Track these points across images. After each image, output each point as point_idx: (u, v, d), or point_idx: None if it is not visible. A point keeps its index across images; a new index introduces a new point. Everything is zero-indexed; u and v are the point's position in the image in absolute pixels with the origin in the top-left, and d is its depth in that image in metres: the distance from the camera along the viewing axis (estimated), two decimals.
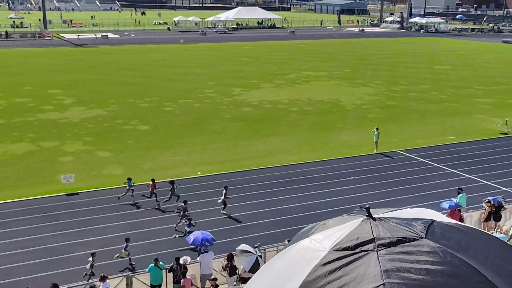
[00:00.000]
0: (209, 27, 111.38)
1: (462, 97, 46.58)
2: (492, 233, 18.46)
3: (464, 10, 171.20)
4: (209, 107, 41.05)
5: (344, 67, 62.67)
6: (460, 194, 21.32)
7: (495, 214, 19.63)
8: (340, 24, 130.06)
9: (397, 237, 2.89)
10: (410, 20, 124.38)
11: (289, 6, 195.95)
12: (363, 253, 2.86)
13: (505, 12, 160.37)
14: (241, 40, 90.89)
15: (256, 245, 16.91)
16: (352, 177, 26.69)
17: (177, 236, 20.27)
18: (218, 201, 22.79)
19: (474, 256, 2.83)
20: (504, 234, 16.74)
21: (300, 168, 28.03)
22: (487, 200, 20.03)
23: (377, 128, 30.91)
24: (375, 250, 2.85)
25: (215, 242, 17.49)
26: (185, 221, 20.32)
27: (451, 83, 53.11)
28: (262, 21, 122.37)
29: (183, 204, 20.97)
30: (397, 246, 2.85)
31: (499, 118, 37.37)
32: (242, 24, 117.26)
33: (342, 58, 70.90)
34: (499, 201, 19.95)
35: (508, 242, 15.59)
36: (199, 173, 26.38)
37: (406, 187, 25.48)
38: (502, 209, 19.74)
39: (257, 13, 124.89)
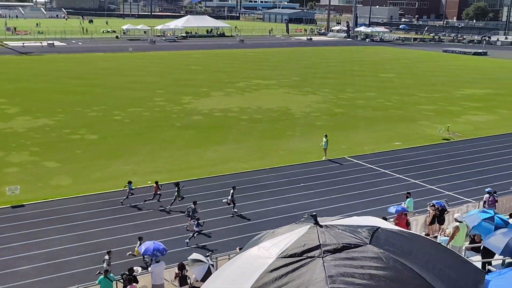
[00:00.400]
0: (158, 36, 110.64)
1: (407, 104, 48.08)
2: (436, 236, 19.14)
3: (406, 20, 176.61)
4: (159, 116, 40.76)
5: (293, 75, 63.54)
6: (408, 199, 21.96)
7: (439, 217, 20.34)
8: (288, 33, 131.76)
9: (342, 244, 2.98)
10: (356, 29, 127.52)
11: (238, 15, 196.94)
12: (309, 260, 2.93)
13: (445, 22, 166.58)
14: (190, 49, 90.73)
15: (208, 254, 16.91)
16: (302, 184, 27.08)
17: (187, 240, 20.29)
18: (223, 201, 23.47)
19: (416, 261, 2.94)
20: (447, 236, 17.38)
21: (251, 175, 28.23)
22: (431, 204, 20.74)
23: (326, 136, 31.53)
24: (320, 256, 2.92)
25: (166, 252, 17.38)
26: (194, 221, 20.70)
27: (396, 91, 54.74)
28: (211, 29, 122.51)
29: (192, 205, 21.52)
30: (342, 252, 2.94)
31: (441, 124, 38.77)
32: (191, 33, 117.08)
33: (291, 66, 71.87)
34: (442, 205, 20.68)
35: (448, 245, 16.33)
36: (149, 182, 26.14)
37: (354, 193, 26.04)
38: (446, 212, 20.48)
39: (206, 22, 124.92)
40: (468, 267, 3.17)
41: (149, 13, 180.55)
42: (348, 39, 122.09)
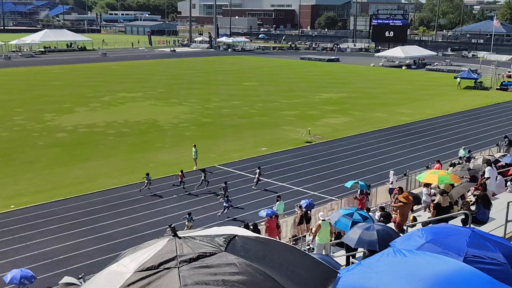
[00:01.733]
0: (14, 51, 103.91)
1: (270, 110, 50.17)
2: (305, 235, 20.30)
3: (265, 30, 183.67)
4: (19, 135, 38.49)
5: (159, 87, 63.32)
6: (278, 202, 22.91)
7: (305, 217, 21.66)
8: (151, 45, 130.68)
9: (198, 253, 3.09)
10: (218, 39, 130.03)
11: (99, 28, 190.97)
12: (165, 271, 3.01)
13: (300, 31, 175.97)
14: (50, 64, 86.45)
15: (80, 276, 16.47)
16: (175, 195, 27.24)
17: (219, 213, 24.06)
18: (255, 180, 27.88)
19: (270, 264, 3.13)
20: (312, 235, 18.28)
21: (122, 191, 27.79)
22: (298, 205, 22.05)
23: (195, 146, 32.01)
24: (176, 266, 3.01)
25: (35, 280, 16.61)
26: (224, 199, 24.19)
27: (259, 98, 56.88)
28: (71, 43, 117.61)
29: (224, 184, 25.42)
30: (198, 260, 3.05)
31: (303, 128, 41.04)
32: (50, 47, 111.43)
33: (156, 78, 71.50)
34: (308, 204, 21.98)
35: (312, 243, 17.31)
36: (12, 206, 24.70)
37: None
38: (309, 212, 21.78)
39: (66, 36, 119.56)
40: (321, 268, 3.41)
41: (2, 27, 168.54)
42: (211, 50, 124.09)
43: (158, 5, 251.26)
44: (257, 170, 28.40)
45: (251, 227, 19.50)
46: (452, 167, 25.52)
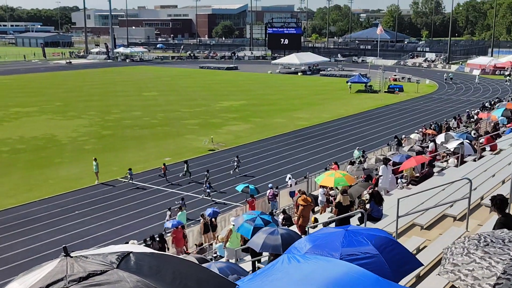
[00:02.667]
0: None
1: (172, 120, 50.10)
2: (212, 243, 20.57)
3: (163, 39, 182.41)
4: None
5: (55, 100, 61.01)
6: (180, 212, 23.03)
7: (211, 225, 21.99)
8: (45, 57, 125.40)
9: (89, 271, 3.06)
10: (116, 50, 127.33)
11: None
12: None
13: (198, 40, 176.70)
14: None
15: None
16: (76, 212, 26.53)
17: (203, 196, 27.94)
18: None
19: (162, 279, 3.16)
20: (220, 242, 18.63)
21: (20, 210, 26.63)
22: (201, 214, 22.35)
23: (95, 159, 31.39)
24: (65, 286, 2.98)
25: None
26: (207, 186, 28.64)
27: (161, 108, 56.58)
28: None
29: (206, 172, 30.02)
30: (89, 279, 3.01)
31: (205, 137, 41.45)
32: None
33: (52, 91, 68.77)
34: (212, 213, 22.30)
35: (224, 249, 17.47)
36: None
37: (131, 213, 26.40)
38: (214, 220, 22.11)
39: None
40: (216, 281, 3.53)
41: None
42: (108, 61, 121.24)
43: (50, 16, 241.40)
44: (235, 159, 32.64)
45: (157, 238, 19.58)
46: (351, 165, 27.22)
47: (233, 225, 17.09)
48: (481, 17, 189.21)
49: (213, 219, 21.99)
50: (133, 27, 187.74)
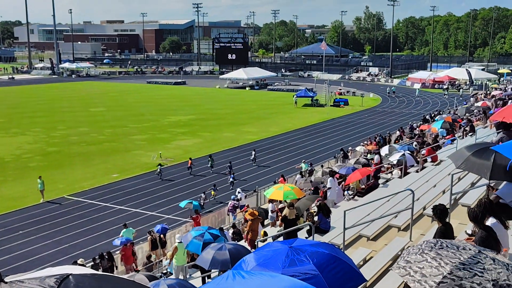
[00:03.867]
0: None
1: (120, 136, 49.47)
2: (162, 260, 20.36)
3: (110, 55, 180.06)
4: None
5: None
6: (124, 229, 22.59)
7: (160, 241, 21.82)
8: None
9: None
10: (61, 65, 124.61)
11: None
12: None
13: (145, 55, 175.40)
14: None
15: None
16: (20, 232, 25.78)
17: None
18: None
19: None
20: (169, 259, 18.26)
21: None
22: (149, 231, 22.18)
23: (40, 177, 30.65)
24: None
25: None
26: (231, 176, 32.65)
27: (108, 124, 55.78)
28: None
29: (229, 164, 34.25)
30: None
31: (154, 152, 41.18)
32: None
33: None
34: (160, 229, 22.15)
35: (168, 266, 17.24)
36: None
37: (78, 231, 25.86)
38: (163, 236, 21.95)
39: None
40: None
41: None
42: (53, 76, 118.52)
43: None
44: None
45: (106, 256, 19.31)
46: (300, 176, 27.72)
47: (179, 242, 17.07)
48: (420, 33, 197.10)
49: (161, 235, 21.87)
50: (79, 42, 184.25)
